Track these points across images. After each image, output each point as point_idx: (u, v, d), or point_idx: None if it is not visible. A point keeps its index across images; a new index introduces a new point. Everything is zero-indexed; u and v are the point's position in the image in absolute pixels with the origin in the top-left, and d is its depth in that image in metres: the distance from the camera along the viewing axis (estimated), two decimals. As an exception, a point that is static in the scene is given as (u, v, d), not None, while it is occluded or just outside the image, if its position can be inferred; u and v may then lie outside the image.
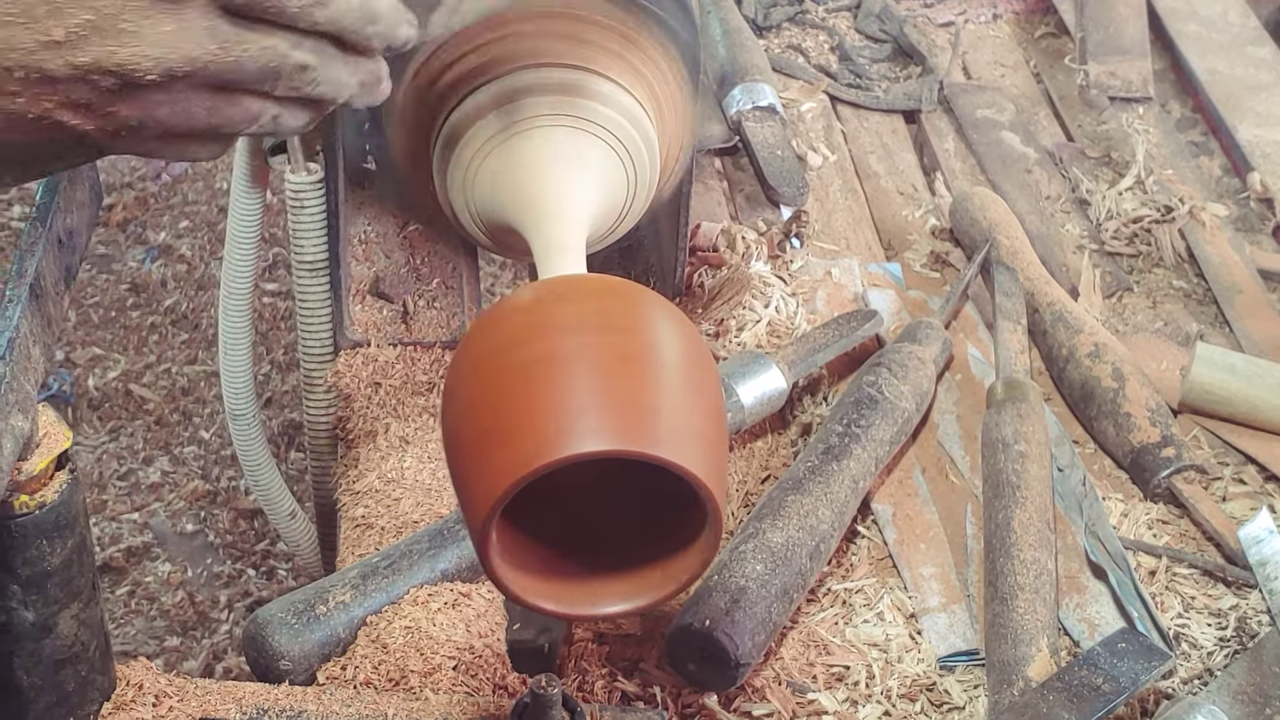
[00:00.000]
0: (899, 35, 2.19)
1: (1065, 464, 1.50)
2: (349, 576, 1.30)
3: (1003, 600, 1.32)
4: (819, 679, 1.31)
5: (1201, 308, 1.77)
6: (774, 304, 1.69)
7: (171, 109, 0.92)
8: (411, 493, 1.43)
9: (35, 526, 1.04)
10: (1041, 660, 1.27)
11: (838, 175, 1.95)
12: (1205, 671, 1.33)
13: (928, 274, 1.79)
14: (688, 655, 1.26)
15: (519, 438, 0.91)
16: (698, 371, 0.98)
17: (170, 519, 2.86)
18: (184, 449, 2.99)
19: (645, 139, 1.19)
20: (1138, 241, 1.85)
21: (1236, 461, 1.54)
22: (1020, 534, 1.37)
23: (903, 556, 1.43)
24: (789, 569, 1.30)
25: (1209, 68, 2.12)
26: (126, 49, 0.88)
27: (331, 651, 1.26)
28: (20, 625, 1.07)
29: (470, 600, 1.29)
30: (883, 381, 1.49)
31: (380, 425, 1.50)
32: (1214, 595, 1.40)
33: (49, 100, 0.89)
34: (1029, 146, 2.00)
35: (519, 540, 0.98)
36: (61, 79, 0.88)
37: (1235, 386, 1.56)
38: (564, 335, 0.95)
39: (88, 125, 0.91)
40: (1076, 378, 1.58)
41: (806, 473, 1.39)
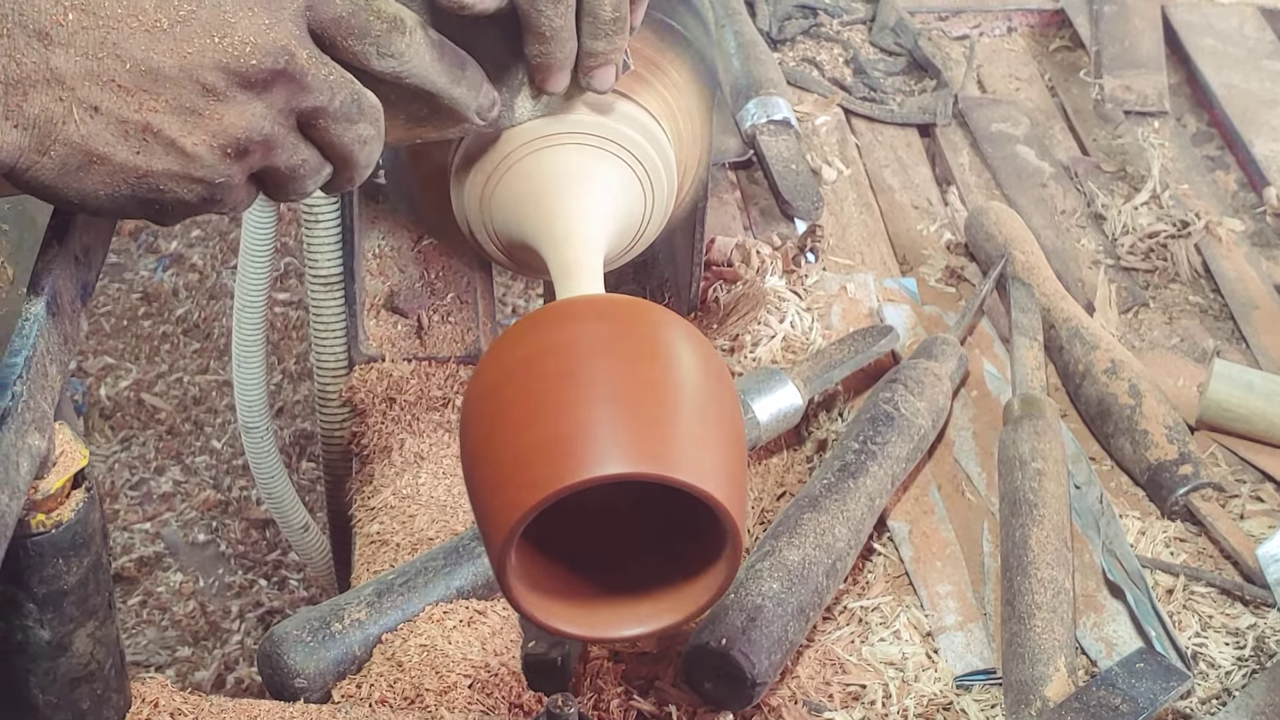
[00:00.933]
0: (913, 49, 2.18)
1: (1082, 481, 1.49)
2: (364, 594, 1.29)
3: (1020, 619, 1.32)
4: (835, 698, 1.31)
5: (1218, 323, 1.77)
6: (789, 319, 1.69)
7: (272, 127, 0.95)
8: (427, 509, 1.43)
9: (52, 545, 1.03)
10: (1059, 680, 1.27)
11: (852, 189, 1.95)
12: (1223, 691, 1.32)
13: (943, 289, 1.79)
14: (704, 674, 1.25)
15: (538, 460, 0.91)
16: (717, 393, 0.98)
17: (182, 529, 2.87)
18: (196, 458, 2.99)
19: (663, 157, 1.19)
20: (1154, 257, 1.85)
21: (1254, 479, 1.54)
22: (1037, 552, 1.36)
23: (919, 574, 1.42)
24: (805, 587, 1.30)
25: (1225, 82, 2.11)
26: (229, 38, 0.91)
27: (347, 669, 1.26)
28: (36, 644, 1.07)
29: (486, 618, 1.29)
30: (899, 398, 1.49)
31: (395, 441, 1.50)
32: (1232, 614, 1.39)
33: (155, 103, 0.91)
34: (1044, 161, 1.99)
35: (537, 562, 0.97)
36: (170, 77, 0.90)
37: (1254, 404, 1.56)
38: (583, 357, 0.95)
39: (195, 142, 0.93)
40: (1093, 394, 1.58)
41: (823, 490, 1.38)
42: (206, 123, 0.93)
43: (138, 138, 0.92)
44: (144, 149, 0.92)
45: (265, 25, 0.92)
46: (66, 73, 0.89)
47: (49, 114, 0.90)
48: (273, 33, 0.93)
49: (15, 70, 0.89)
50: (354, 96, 0.98)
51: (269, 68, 0.93)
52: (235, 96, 0.93)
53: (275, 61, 0.93)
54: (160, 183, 0.94)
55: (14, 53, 0.89)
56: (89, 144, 0.91)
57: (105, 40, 0.89)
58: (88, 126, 0.91)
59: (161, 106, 0.91)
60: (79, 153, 0.91)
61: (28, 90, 0.89)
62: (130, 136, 0.92)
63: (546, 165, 1.15)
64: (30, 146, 0.90)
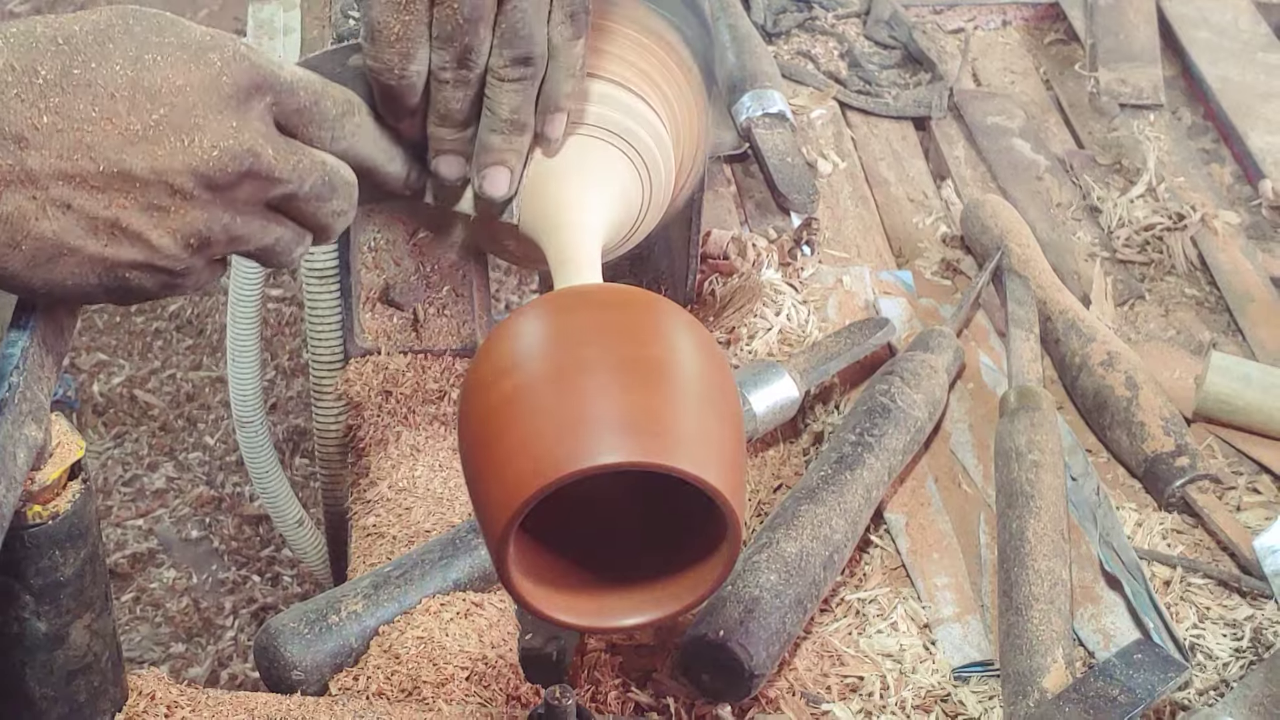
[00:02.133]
0: (908, 42, 2.18)
1: (1079, 473, 1.49)
2: (361, 586, 1.29)
3: (1017, 611, 1.32)
4: (833, 690, 1.31)
5: (1214, 316, 1.77)
6: (785, 312, 1.69)
7: (234, 219, 0.98)
8: (423, 501, 1.43)
9: (48, 537, 1.03)
10: (1057, 671, 1.27)
11: (848, 182, 1.94)
12: (1221, 683, 1.32)
13: (939, 282, 1.78)
14: (701, 666, 1.25)
15: (536, 450, 0.91)
16: (716, 382, 0.97)
17: (175, 525, 2.86)
18: (189, 455, 2.98)
19: (661, 147, 1.19)
20: (1149, 249, 1.85)
21: (1251, 471, 1.54)
22: (1034, 544, 1.36)
23: (916, 566, 1.42)
24: (803, 579, 1.30)
25: (1220, 74, 2.11)
26: (198, 143, 0.94)
27: (344, 661, 1.25)
28: (33, 636, 1.06)
29: (483, 610, 1.29)
30: (895, 390, 1.48)
31: (391, 433, 1.50)
32: (1229, 606, 1.39)
33: (125, 200, 0.94)
34: (1039, 154, 1.99)
35: (536, 552, 0.97)
36: (140, 178, 0.93)
37: (1250, 396, 1.55)
38: (581, 347, 0.95)
39: (160, 235, 0.96)
40: (1089, 386, 1.58)
41: (819, 482, 1.38)
42: (173, 219, 0.96)
43: (106, 232, 0.95)
44: (112, 242, 0.95)
45: (233, 129, 0.96)
46: (40, 173, 0.92)
47: (22, 211, 0.92)
48: (240, 135, 0.96)
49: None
50: (325, 178, 1.02)
51: (235, 170, 0.96)
52: (201, 196, 0.96)
53: (241, 164, 0.96)
54: (125, 272, 0.97)
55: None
56: (60, 238, 0.94)
57: (79, 143, 0.92)
58: (59, 222, 0.93)
59: (130, 204, 0.94)
60: (49, 246, 0.94)
61: (2, 190, 0.91)
62: (99, 231, 0.95)
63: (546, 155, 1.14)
64: (2, 241, 0.92)
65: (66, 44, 0.92)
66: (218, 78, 0.95)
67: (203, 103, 0.95)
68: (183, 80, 0.94)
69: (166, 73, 0.94)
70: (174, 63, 0.94)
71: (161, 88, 0.93)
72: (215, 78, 0.95)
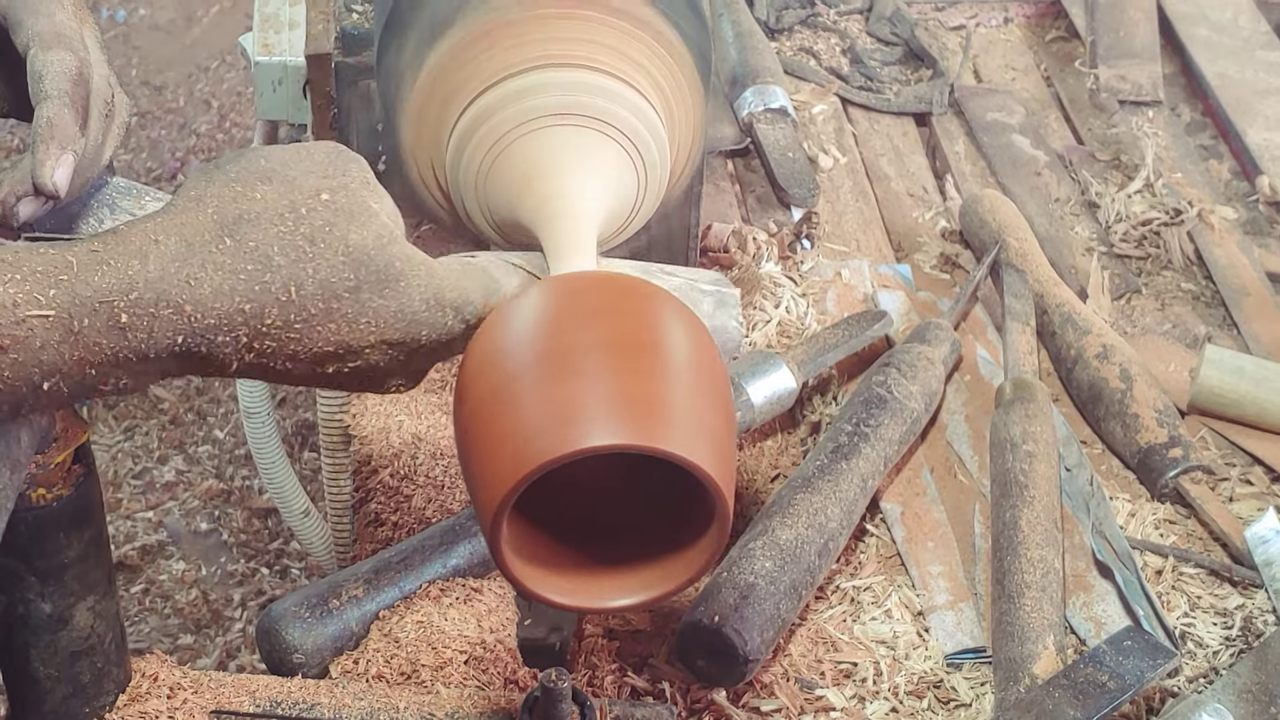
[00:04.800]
0: (910, 38, 2.20)
1: (1073, 464, 1.51)
2: (361, 571, 1.31)
3: (1010, 598, 1.33)
4: (827, 675, 1.32)
5: (1210, 310, 1.78)
6: (784, 304, 1.70)
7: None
8: (424, 489, 1.44)
9: (52, 519, 1.05)
10: (1048, 658, 1.28)
11: (848, 177, 1.96)
12: (1210, 670, 1.34)
13: (937, 275, 1.80)
14: (697, 651, 1.27)
15: (529, 432, 0.92)
16: (707, 368, 0.99)
17: (184, 517, 2.88)
18: (198, 448, 3.00)
19: (656, 138, 1.20)
20: (1146, 244, 1.86)
21: (1244, 462, 1.55)
22: (1028, 533, 1.38)
23: (911, 555, 1.44)
24: (798, 566, 1.31)
25: (1219, 72, 2.13)
26: (383, 382, 1.03)
27: (344, 645, 1.27)
28: (37, 617, 1.08)
29: (482, 595, 1.30)
30: (892, 381, 1.50)
31: (393, 422, 1.51)
32: (1220, 595, 1.41)
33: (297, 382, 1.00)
34: (1039, 149, 2.01)
35: (530, 534, 0.99)
36: (310, 380, 1.00)
37: (1244, 389, 1.57)
38: (574, 332, 0.96)
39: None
40: (1084, 379, 1.59)
41: (816, 471, 1.40)
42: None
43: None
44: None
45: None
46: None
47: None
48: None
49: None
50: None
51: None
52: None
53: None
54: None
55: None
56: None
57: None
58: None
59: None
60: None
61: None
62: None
63: (540, 146, 1.16)
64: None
65: (297, 296, 0.94)
66: (417, 347, 1.00)
67: (398, 361, 1.00)
68: (387, 346, 0.99)
69: (375, 339, 0.98)
70: (385, 331, 0.98)
71: (365, 349, 0.98)
72: (416, 347, 1.00)
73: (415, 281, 0.98)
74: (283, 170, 0.97)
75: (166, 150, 3.67)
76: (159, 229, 0.93)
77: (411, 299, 0.98)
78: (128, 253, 0.91)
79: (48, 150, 1.00)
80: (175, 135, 3.73)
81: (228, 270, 0.93)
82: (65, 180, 1.00)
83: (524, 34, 1.19)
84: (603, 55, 1.18)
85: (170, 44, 4.04)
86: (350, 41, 1.47)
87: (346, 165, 0.99)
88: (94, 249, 0.91)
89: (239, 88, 3.84)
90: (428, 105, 1.23)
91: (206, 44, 4.03)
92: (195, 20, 4.11)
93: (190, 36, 4.06)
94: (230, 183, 0.96)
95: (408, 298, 0.98)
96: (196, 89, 3.87)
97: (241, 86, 3.83)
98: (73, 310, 0.89)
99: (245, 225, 0.94)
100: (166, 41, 4.05)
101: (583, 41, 1.19)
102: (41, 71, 1.02)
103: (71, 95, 1.02)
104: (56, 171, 0.99)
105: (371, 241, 0.96)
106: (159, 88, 3.88)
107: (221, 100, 3.83)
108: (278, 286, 0.94)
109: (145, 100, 3.82)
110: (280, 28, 1.79)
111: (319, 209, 0.96)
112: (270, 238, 0.94)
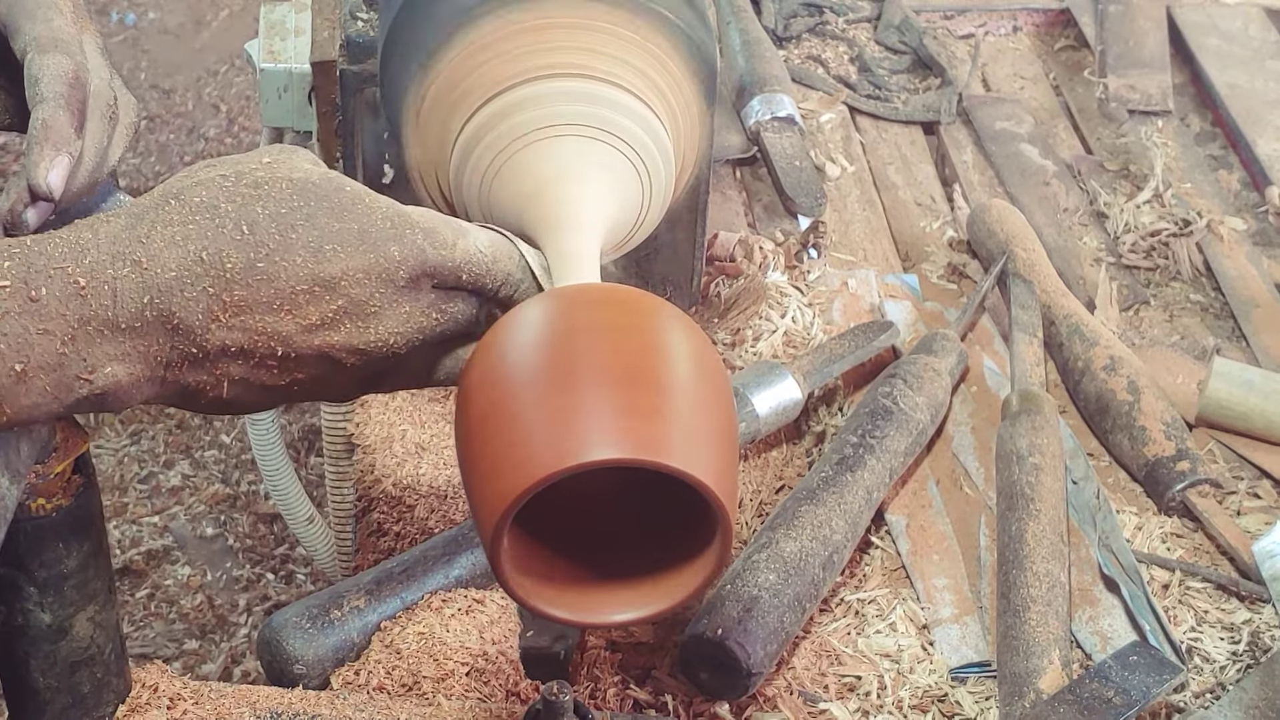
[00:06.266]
0: (918, 47, 2.19)
1: (1080, 477, 1.50)
2: (363, 581, 1.30)
3: (1015, 612, 1.33)
4: (831, 689, 1.32)
5: (1218, 322, 1.77)
6: (790, 314, 1.70)
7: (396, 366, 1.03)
8: (426, 499, 1.44)
9: (52, 529, 1.05)
10: (1053, 673, 1.28)
11: (856, 186, 1.95)
12: (1217, 685, 1.33)
13: (944, 285, 1.79)
14: (700, 664, 1.26)
15: (530, 445, 0.92)
16: (709, 380, 0.98)
17: (190, 523, 2.88)
18: (205, 453, 3.00)
19: (660, 148, 1.20)
20: (1155, 255, 1.85)
21: (1251, 476, 1.54)
22: (1034, 546, 1.37)
23: (916, 567, 1.43)
24: (802, 579, 1.31)
25: (1229, 82, 2.12)
26: (375, 329, 0.99)
27: (345, 656, 1.27)
28: (37, 627, 1.08)
29: (484, 606, 1.30)
30: (898, 393, 1.49)
31: (396, 431, 1.51)
32: (1227, 609, 1.40)
33: (300, 374, 0.99)
34: (1047, 159, 2.00)
35: (531, 547, 0.98)
36: (312, 358, 0.98)
37: (1253, 402, 1.56)
38: (575, 344, 0.96)
39: (330, 393, 1.03)
40: (1092, 390, 1.59)
41: (821, 483, 1.39)
42: (341, 383, 1.03)
43: (282, 395, 1.01)
44: (283, 397, 1.02)
45: (405, 314, 1.00)
46: (221, 354, 0.96)
47: (200, 384, 0.97)
48: (411, 319, 1.01)
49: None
50: (471, 310, 1.05)
51: (408, 346, 1.02)
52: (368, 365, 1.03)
53: (411, 343, 1.02)
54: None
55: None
56: (238, 400, 1.00)
57: (259, 331, 0.96)
58: (235, 391, 0.99)
59: (304, 376, 1.00)
60: (222, 404, 1.00)
61: (183, 367, 0.96)
62: (275, 394, 1.01)
63: (545, 156, 1.16)
64: (182, 397, 0.99)
65: (251, 233, 0.94)
66: (395, 270, 0.98)
67: (379, 293, 0.98)
68: (361, 272, 0.97)
69: (345, 264, 0.96)
70: (353, 253, 0.96)
71: (340, 280, 0.96)
72: (393, 270, 0.98)
73: (374, 204, 0.98)
74: (231, 158, 0.99)
75: (174, 154, 3.67)
76: (111, 212, 0.95)
77: (373, 219, 0.97)
78: (79, 228, 0.93)
79: (42, 151, 1.00)
80: (183, 139, 3.73)
81: (177, 224, 0.93)
82: (59, 181, 1.00)
83: (529, 43, 1.19)
84: (608, 65, 1.18)
85: (179, 48, 4.05)
86: (355, 49, 1.47)
87: (294, 149, 1.01)
88: (51, 231, 0.93)
89: (247, 92, 3.85)
90: (432, 114, 1.23)
91: (215, 48, 4.03)
92: (204, 24, 4.12)
93: (199, 41, 4.07)
94: (180, 172, 0.98)
95: (369, 218, 0.97)
96: (205, 93, 3.88)
97: (250, 91, 3.84)
98: (28, 278, 0.89)
99: (189, 189, 0.95)
100: (175, 45, 4.06)
101: (588, 51, 1.18)
102: (38, 75, 1.02)
103: (67, 98, 1.02)
104: (51, 173, 0.99)
105: (318, 176, 0.97)
106: (167, 91, 3.88)
107: (230, 105, 3.84)
108: (230, 228, 0.93)
109: (154, 104, 3.83)
110: (286, 35, 1.79)
111: (260, 168, 0.97)
112: (215, 192, 0.95)
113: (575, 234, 1.11)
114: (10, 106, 1.11)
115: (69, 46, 1.04)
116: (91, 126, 1.03)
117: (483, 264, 1.02)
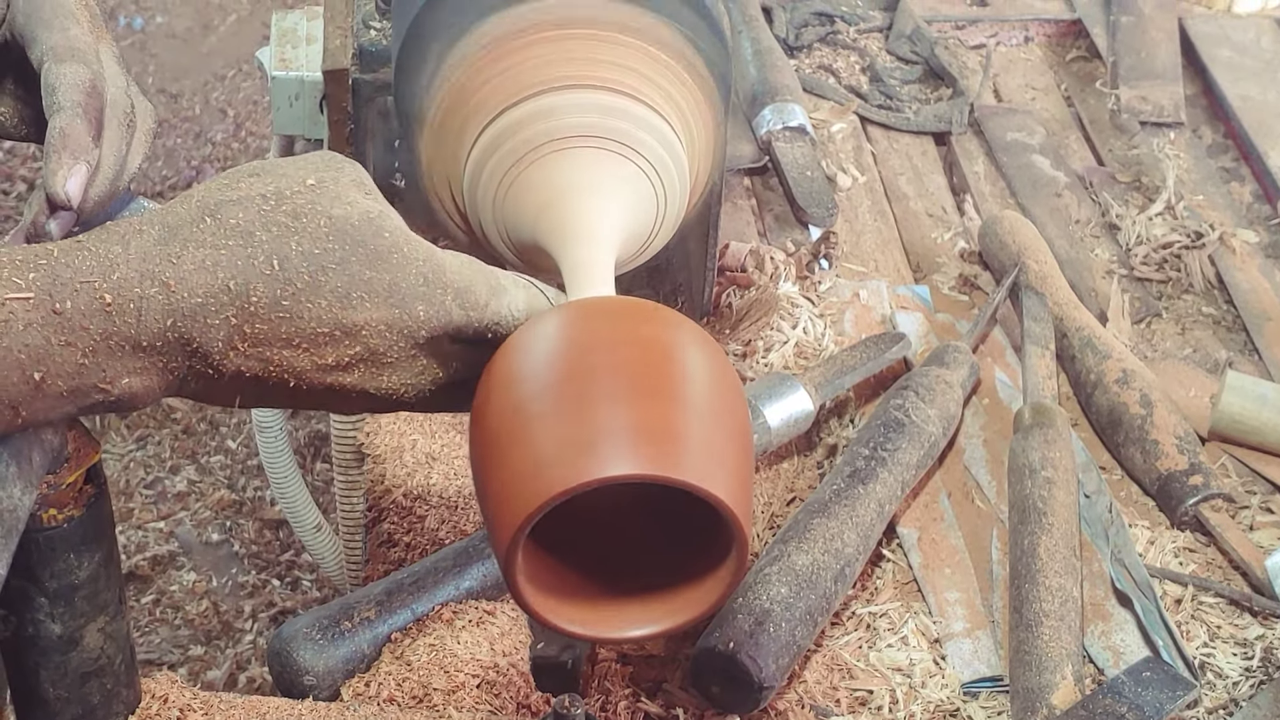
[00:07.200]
0: (930, 57, 2.19)
1: (1092, 490, 1.49)
2: (374, 593, 1.30)
3: (1028, 627, 1.32)
4: (842, 703, 1.31)
5: (1231, 335, 1.77)
6: (801, 325, 1.69)
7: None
8: (437, 510, 1.44)
9: (63, 540, 1.04)
10: (1066, 688, 1.27)
11: (867, 196, 1.95)
12: (1230, 702, 1.32)
13: (956, 297, 1.79)
14: (711, 677, 1.26)
15: (546, 460, 0.92)
16: (724, 395, 0.98)
17: (196, 528, 2.87)
18: (211, 458, 3.00)
19: (675, 160, 1.19)
20: (1167, 267, 1.85)
21: (1264, 490, 1.54)
22: (1046, 560, 1.37)
23: (928, 581, 1.42)
24: (813, 592, 1.30)
25: (1241, 93, 2.11)
26: (386, 379, 1.00)
27: (356, 667, 1.26)
28: (47, 638, 1.08)
29: (495, 618, 1.30)
30: (909, 405, 1.49)
31: (407, 441, 1.51)
32: (1240, 625, 1.40)
33: (307, 399, 0.99)
34: (1059, 170, 1.99)
35: (545, 562, 0.98)
36: (322, 392, 0.98)
37: (1266, 416, 1.55)
38: (592, 357, 0.95)
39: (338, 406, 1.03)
40: (1104, 404, 1.58)
41: (832, 496, 1.39)
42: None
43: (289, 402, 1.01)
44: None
45: (421, 368, 1.01)
46: (234, 375, 0.96)
47: (212, 401, 0.99)
48: (426, 373, 1.01)
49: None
50: (483, 358, 1.03)
51: (418, 396, 1.04)
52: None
53: (425, 392, 1.03)
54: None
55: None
56: (248, 403, 1.00)
57: (273, 363, 0.96)
58: (245, 401, 1.00)
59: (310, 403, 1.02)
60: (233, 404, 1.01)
61: (196, 384, 0.96)
62: (285, 400, 1.01)
63: (559, 168, 1.15)
64: (193, 398, 0.99)
65: (281, 269, 0.93)
66: (418, 329, 0.98)
67: (397, 346, 0.98)
68: (384, 325, 0.97)
69: (370, 315, 0.96)
70: (379, 305, 0.96)
71: (362, 329, 0.96)
72: (415, 329, 0.98)
73: (411, 255, 0.97)
74: (273, 168, 0.98)
75: (182, 159, 3.67)
76: (144, 220, 0.94)
77: (406, 273, 0.96)
78: (110, 239, 0.92)
79: (60, 160, 0.99)
80: (191, 144, 3.73)
81: (209, 246, 0.92)
82: (78, 190, 0.99)
83: (544, 55, 1.18)
84: (623, 77, 1.18)
85: (187, 52, 4.04)
86: (368, 58, 1.47)
87: (340, 164, 0.99)
88: (78, 240, 0.91)
89: (255, 96, 3.84)
90: (446, 124, 1.22)
91: (223, 52, 4.03)
92: (212, 29, 4.11)
93: (207, 45, 4.06)
94: (219, 178, 0.97)
95: (401, 271, 0.96)
96: (212, 97, 3.87)
97: (257, 95, 3.84)
98: (53, 291, 0.89)
99: (227, 206, 0.94)
100: (183, 50, 4.05)
101: (603, 63, 1.18)
102: (55, 84, 1.02)
103: (84, 107, 1.01)
104: (69, 181, 0.99)
105: (358, 216, 0.96)
106: (175, 95, 3.88)
107: (237, 109, 3.84)
108: (261, 260, 0.93)
109: (161, 108, 3.82)
110: (298, 43, 1.79)
111: (303, 192, 0.96)
112: (252, 215, 0.94)
113: (590, 246, 1.11)
114: (28, 116, 1.11)
115: (86, 55, 1.03)
116: (109, 135, 1.03)
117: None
